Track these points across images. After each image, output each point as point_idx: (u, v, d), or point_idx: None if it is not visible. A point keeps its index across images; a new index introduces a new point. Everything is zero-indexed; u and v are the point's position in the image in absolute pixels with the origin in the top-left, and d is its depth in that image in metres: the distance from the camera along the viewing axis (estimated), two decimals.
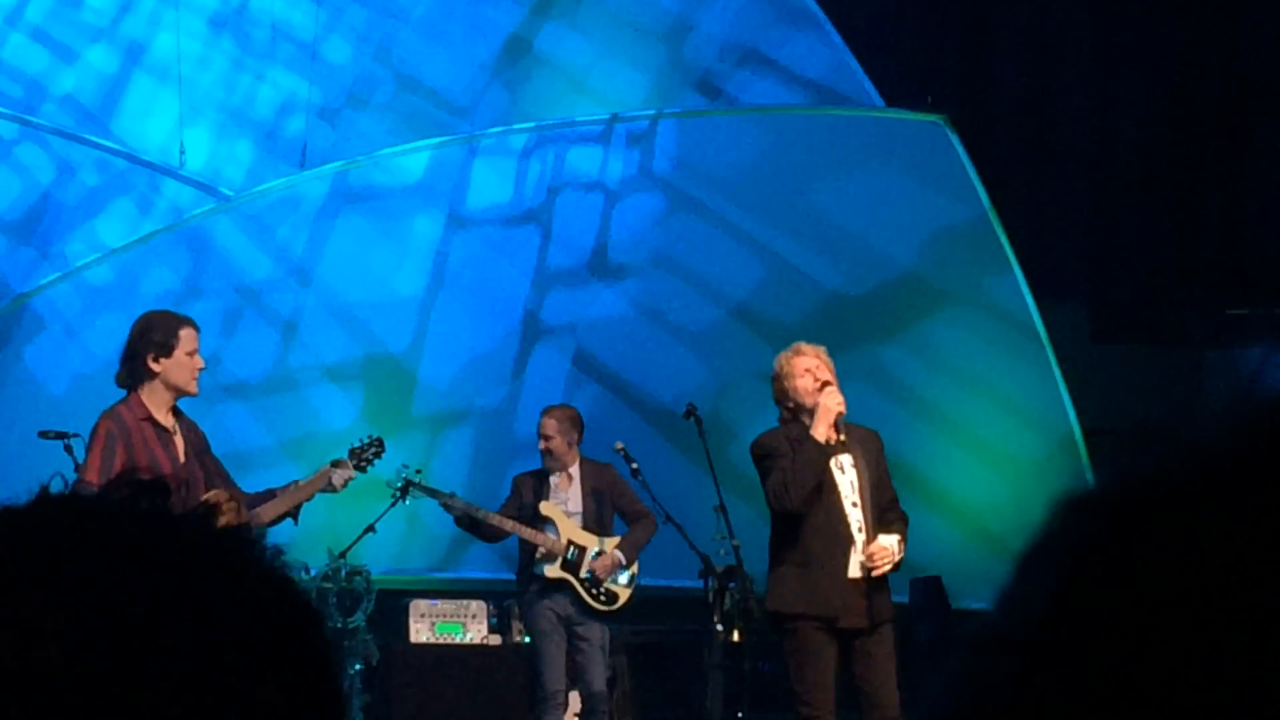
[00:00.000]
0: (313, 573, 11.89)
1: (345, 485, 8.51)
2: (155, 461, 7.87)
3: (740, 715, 10.30)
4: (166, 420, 8.05)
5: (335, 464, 8.56)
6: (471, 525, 10.94)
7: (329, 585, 11.92)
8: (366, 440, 8.92)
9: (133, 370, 8.03)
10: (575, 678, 10.84)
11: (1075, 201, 17.62)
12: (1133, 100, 17.58)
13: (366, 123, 16.35)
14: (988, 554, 15.32)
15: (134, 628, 0.93)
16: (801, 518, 8.58)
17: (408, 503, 11.29)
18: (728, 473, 10.52)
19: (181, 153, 16.01)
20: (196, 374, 8.08)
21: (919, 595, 13.92)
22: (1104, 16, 17.51)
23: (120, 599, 0.93)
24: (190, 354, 8.04)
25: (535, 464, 11.21)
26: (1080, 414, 15.59)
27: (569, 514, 10.84)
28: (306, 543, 12.97)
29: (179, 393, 8.06)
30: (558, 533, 10.79)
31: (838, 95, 16.35)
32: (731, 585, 9.97)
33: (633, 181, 16.22)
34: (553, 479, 10.94)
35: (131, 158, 16.03)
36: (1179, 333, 17.39)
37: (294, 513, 8.26)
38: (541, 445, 10.94)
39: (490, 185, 16.15)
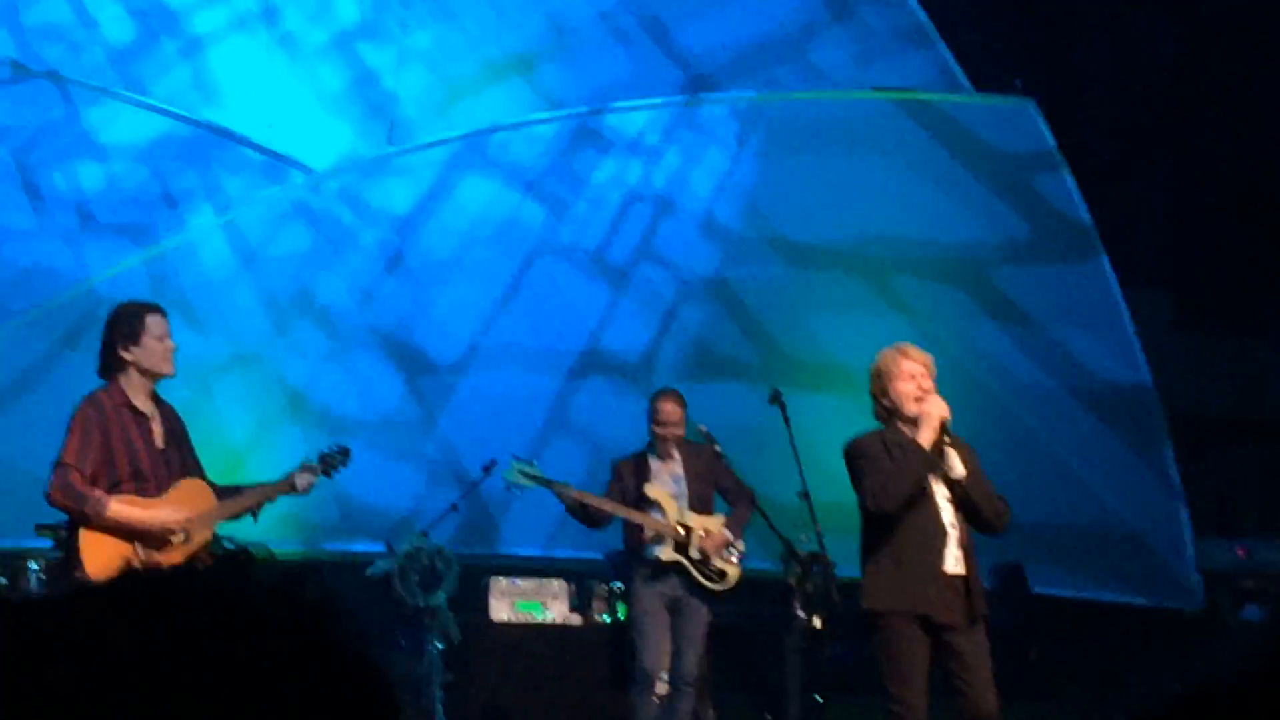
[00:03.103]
0: (397, 550, 11.96)
1: (309, 489, 8.61)
2: (132, 446, 8.09)
3: (819, 699, 10.28)
4: (145, 406, 8.23)
5: (304, 468, 8.66)
6: (582, 511, 10.92)
7: (412, 563, 11.95)
8: (335, 448, 9.02)
9: (107, 361, 8.26)
10: (675, 656, 10.82)
11: (1161, 188, 17.56)
12: (1222, 88, 17.49)
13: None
14: (1070, 540, 15.27)
15: (215, 705, 0.94)
16: (897, 517, 8.55)
17: (520, 494, 11.30)
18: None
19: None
20: (169, 356, 8.30)
21: (1000, 582, 13.88)
22: (1192, 3, 17.45)
23: (202, 678, 0.94)
24: (159, 339, 8.26)
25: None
26: (1165, 401, 15.49)
27: (674, 495, 10.82)
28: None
29: (155, 376, 8.27)
30: (664, 515, 10.77)
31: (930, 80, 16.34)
32: (815, 570, 9.95)
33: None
34: (654, 463, 10.90)
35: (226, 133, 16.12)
36: (1264, 322, 17.32)
37: (255, 510, 8.40)
38: (660, 431, 10.87)
39: None
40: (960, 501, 8.66)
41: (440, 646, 11.85)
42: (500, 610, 12.20)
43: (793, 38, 16.45)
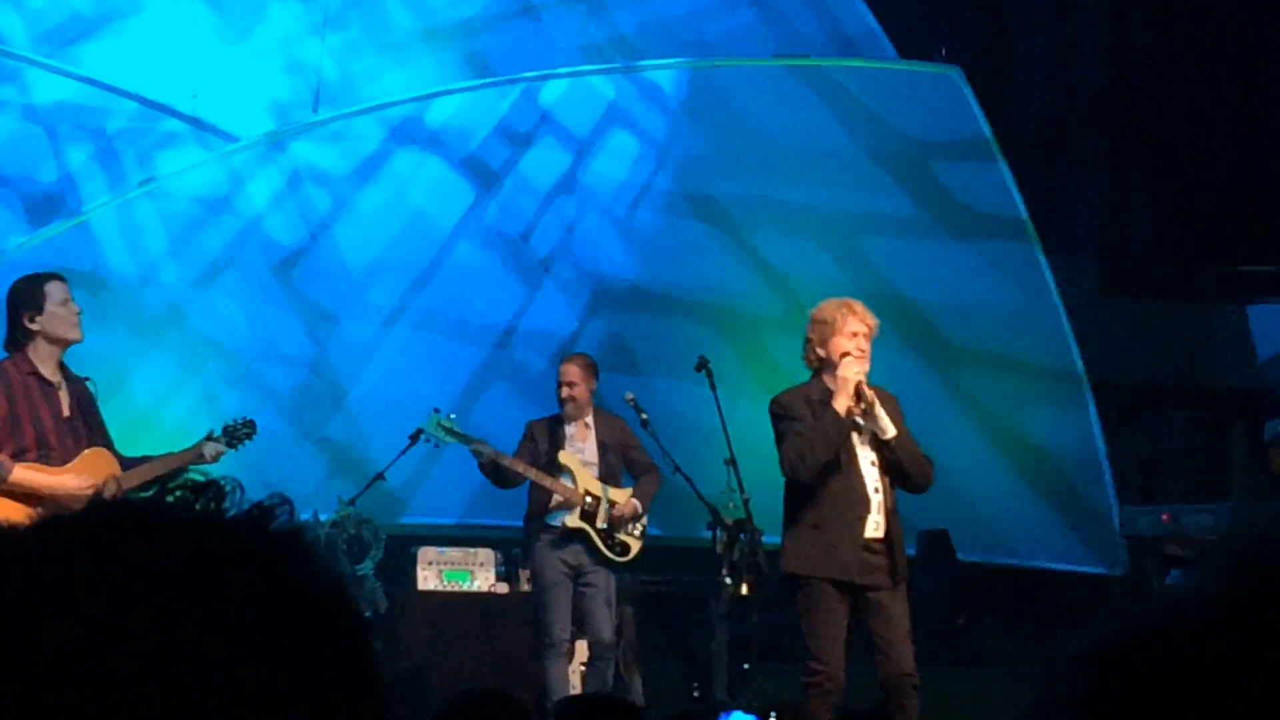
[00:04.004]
0: (322, 520, 11.95)
1: (217, 458, 8.80)
2: (36, 413, 8.21)
3: (746, 666, 10.31)
4: (53, 375, 8.33)
5: (210, 439, 8.87)
6: (495, 471, 10.97)
7: (339, 531, 11.96)
8: (240, 421, 9.12)
9: (13, 333, 8.36)
10: (581, 627, 10.86)
11: (1088, 156, 17.64)
12: (1149, 56, 17.57)
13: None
14: (997, 507, 15.36)
15: (189, 628, 0.94)
16: (818, 481, 8.59)
17: (438, 447, 11.34)
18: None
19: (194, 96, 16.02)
20: (75, 321, 8.40)
21: (926, 549, 13.95)
22: None
23: (175, 603, 0.94)
24: (62, 303, 8.36)
25: None
26: (1089, 367, 15.58)
27: (585, 464, 10.85)
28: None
29: (63, 343, 8.38)
30: (574, 482, 10.80)
31: (853, 46, 16.33)
32: (741, 538, 9.98)
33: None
34: (569, 428, 10.96)
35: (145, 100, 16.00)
36: (1190, 287, 17.40)
37: (166, 478, 8.40)
38: (564, 393, 10.94)
39: None
40: (889, 464, 8.70)
41: (367, 615, 11.86)
42: (428, 579, 12.21)
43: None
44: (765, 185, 15.94)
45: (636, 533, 10.89)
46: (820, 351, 8.73)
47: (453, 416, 11.28)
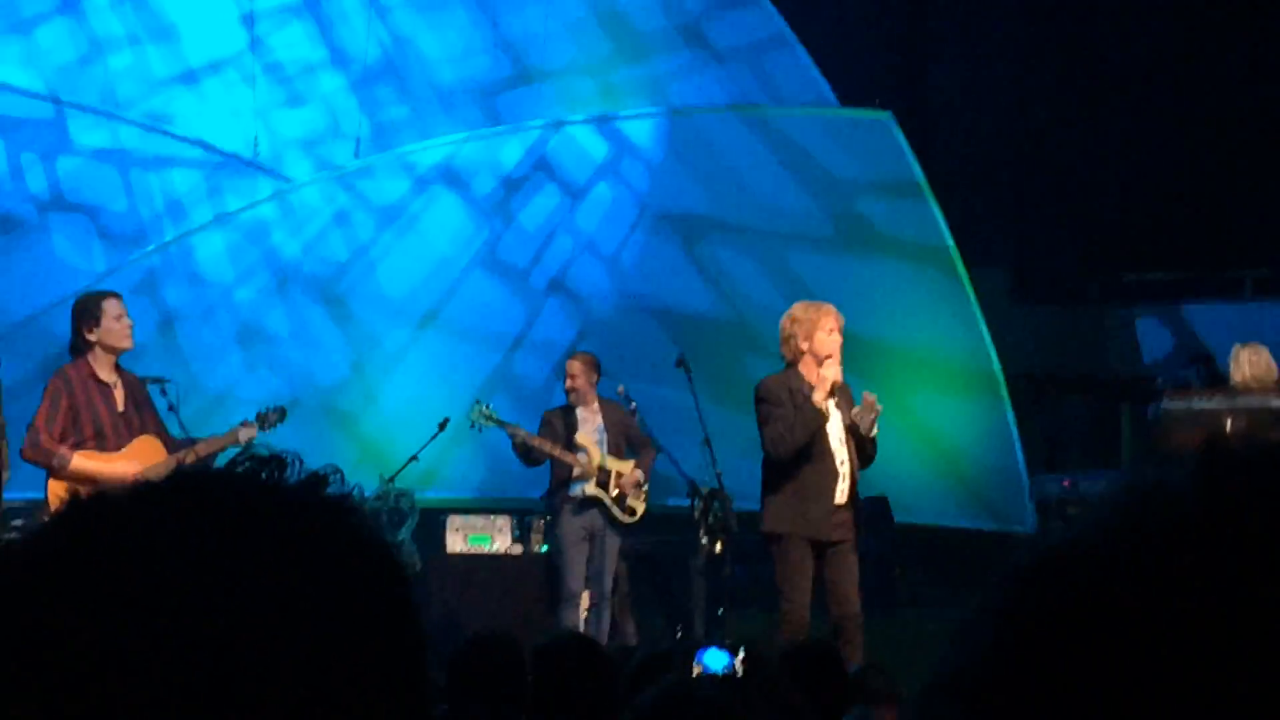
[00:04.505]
0: (366, 494, 11.93)
1: (250, 441, 8.71)
2: (94, 409, 8.20)
3: (720, 611, 10.31)
4: (109, 377, 8.32)
5: (244, 424, 8.80)
6: (525, 451, 11.01)
7: (380, 504, 11.94)
8: (271, 408, 9.08)
9: (75, 342, 8.35)
10: (591, 578, 10.86)
11: (999, 184, 17.62)
12: (1049, 99, 17.57)
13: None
14: (926, 478, 15.35)
15: (261, 574, 0.91)
16: (797, 456, 8.64)
17: (480, 431, 11.35)
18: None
19: (256, 141, 15.95)
20: (127, 333, 8.37)
21: (868, 511, 13.92)
22: (1030, 22, 17.49)
23: (242, 560, 0.92)
24: (117, 318, 8.33)
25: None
26: (1002, 361, 15.58)
27: (597, 443, 10.89)
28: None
29: (117, 351, 8.36)
30: (589, 458, 10.84)
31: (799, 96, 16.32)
32: (715, 505, 10.00)
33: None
34: (579, 413, 10.99)
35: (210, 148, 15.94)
36: (1083, 296, 17.42)
37: (210, 459, 8.48)
38: (567, 384, 11.04)
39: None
40: (856, 443, 8.77)
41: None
42: (455, 543, 12.19)
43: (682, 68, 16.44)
44: (723, 213, 15.96)
45: (641, 497, 10.94)
46: (804, 345, 8.73)
47: (492, 406, 11.34)
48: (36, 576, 0.91)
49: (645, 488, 10.97)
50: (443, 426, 11.49)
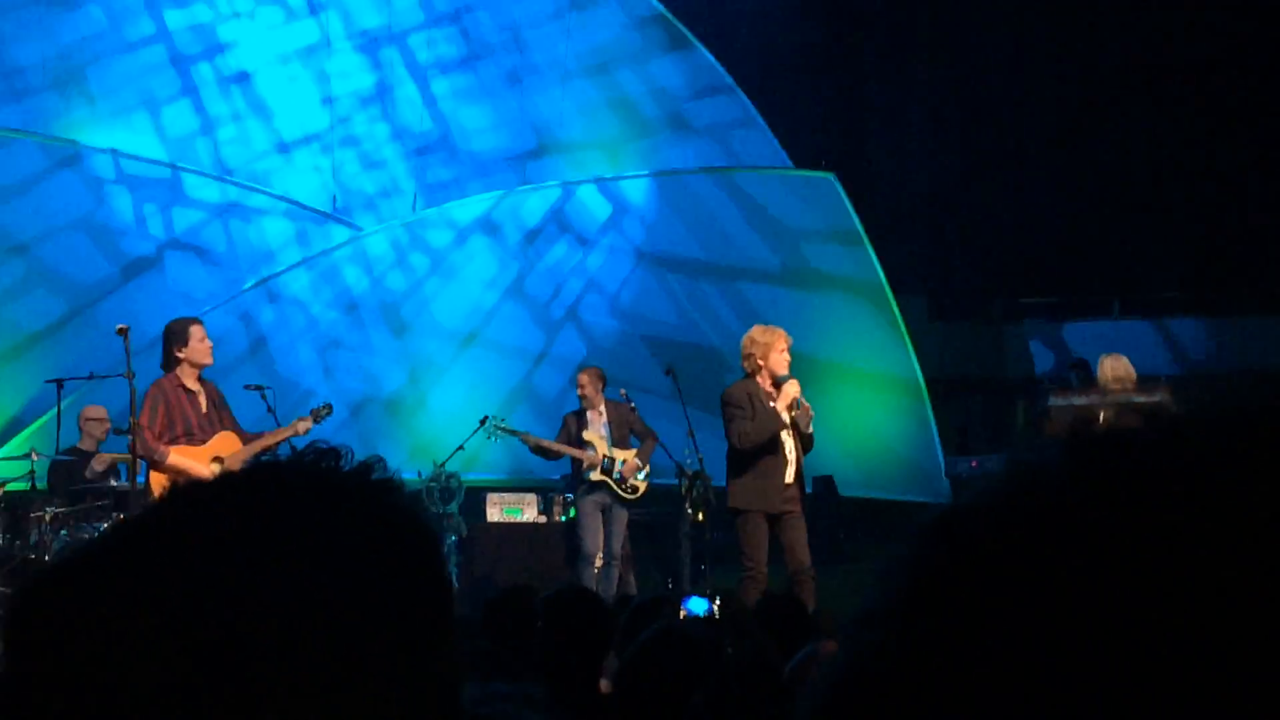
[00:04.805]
0: (423, 475, 11.94)
1: (307, 432, 8.60)
2: (184, 413, 8.20)
3: (702, 567, 10.32)
4: (193, 385, 8.30)
5: (301, 419, 8.67)
6: (540, 451, 11.02)
7: (434, 484, 11.94)
8: (323, 404, 9.03)
9: (167, 358, 8.31)
10: (600, 543, 10.87)
11: (919, 228, 17.67)
12: (961, 157, 17.62)
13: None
14: (864, 461, 15.37)
15: (319, 544, 0.91)
16: (757, 449, 8.66)
17: (495, 441, 11.38)
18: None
19: (335, 198, 16.00)
20: (208, 351, 8.33)
21: (818, 488, 13.96)
22: (943, 100, 17.54)
23: (309, 527, 0.91)
24: (200, 340, 8.30)
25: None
26: (923, 368, 15.61)
27: (602, 437, 10.89)
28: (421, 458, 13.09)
29: (200, 366, 8.31)
30: (596, 450, 10.84)
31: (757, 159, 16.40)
32: (697, 484, 10.02)
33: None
34: (589, 414, 10.97)
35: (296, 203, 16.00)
36: (986, 315, 17.45)
37: (273, 449, 8.50)
38: (578, 392, 11.03)
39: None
40: (801, 438, 8.78)
41: (453, 539, 11.84)
42: (494, 514, 12.19)
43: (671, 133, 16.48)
44: (699, 255, 16.02)
45: (640, 479, 10.94)
46: (762, 363, 8.77)
47: (502, 419, 11.35)
48: (156, 544, 0.91)
49: (646, 469, 10.97)
50: (482, 423, 11.48)
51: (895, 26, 17.35)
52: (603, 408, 11.00)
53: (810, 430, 8.89)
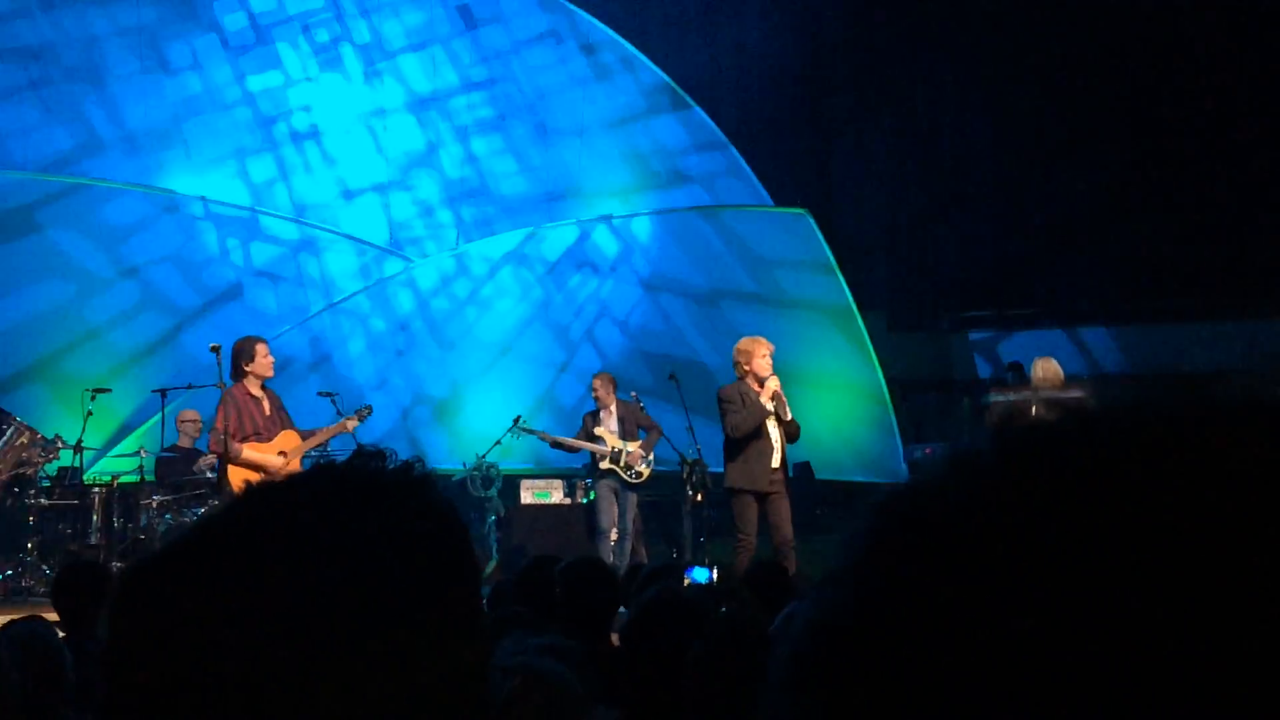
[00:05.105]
0: (467, 466, 11.95)
1: (353, 430, 8.59)
2: (253, 416, 8.22)
3: (701, 539, 10.31)
4: (258, 393, 8.33)
5: (349, 418, 8.65)
6: (559, 446, 11.00)
7: (476, 473, 11.95)
8: (363, 406, 9.02)
9: (235, 370, 8.32)
10: (615, 520, 10.85)
11: (879, 251, 17.67)
12: (911, 193, 17.62)
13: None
14: (836, 449, 15.34)
15: (369, 532, 0.91)
16: (747, 437, 8.65)
17: (518, 439, 11.34)
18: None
19: (390, 235, 16.01)
20: (270, 366, 8.35)
21: (798, 472, 13.95)
22: (898, 141, 17.54)
23: (360, 519, 0.91)
24: (264, 356, 8.32)
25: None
26: (883, 372, 15.58)
27: (613, 432, 10.87)
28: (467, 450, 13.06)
29: (263, 377, 8.33)
30: (606, 444, 10.81)
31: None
32: (696, 469, 10.00)
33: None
34: (602, 413, 10.95)
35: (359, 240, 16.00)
36: (935, 326, 17.44)
37: (326, 442, 8.53)
38: (593, 395, 11.00)
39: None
40: (784, 427, 8.76)
41: (493, 518, 11.85)
42: (526, 497, 12.19)
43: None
44: (694, 281, 16.02)
45: (644, 467, 10.91)
46: (747, 367, 8.79)
47: (525, 420, 11.36)
48: (236, 536, 0.91)
49: (650, 458, 10.94)
50: (516, 422, 11.49)
51: (860, 88, 17.44)
52: (614, 407, 10.98)
53: (790, 418, 8.86)
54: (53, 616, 4.71)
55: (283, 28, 15.62)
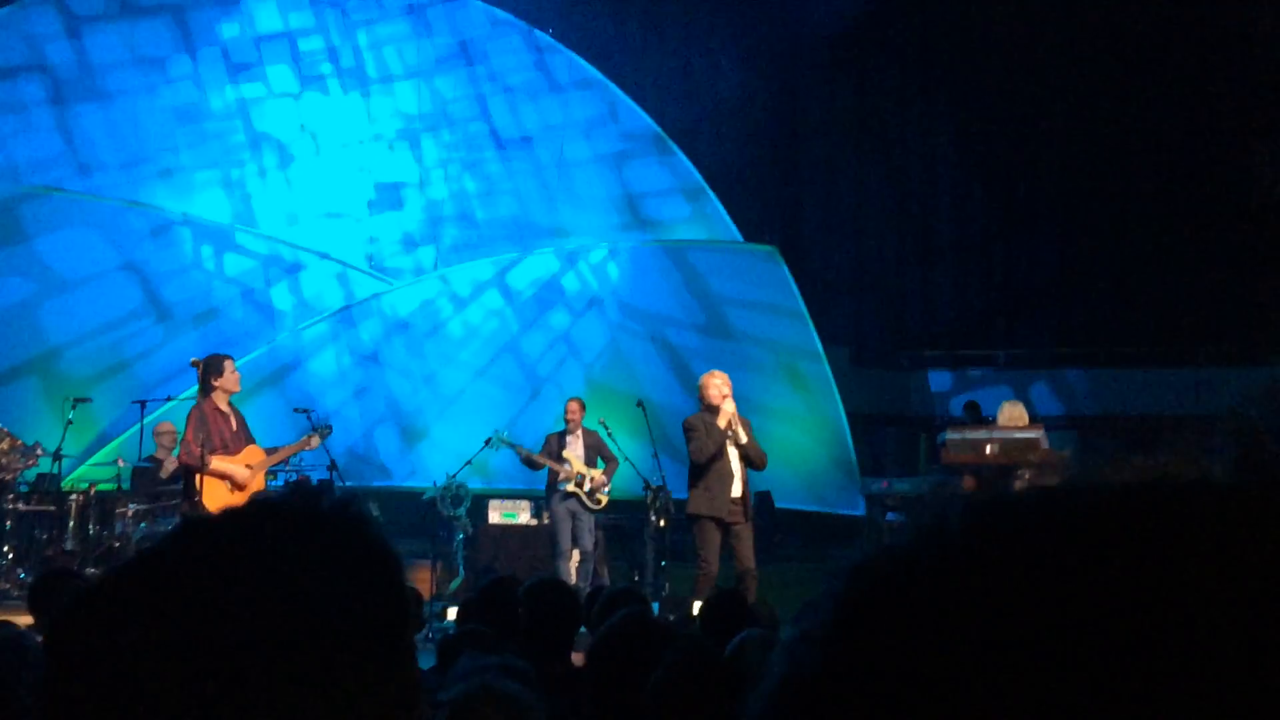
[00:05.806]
0: (438, 485, 11.84)
1: (315, 447, 8.56)
2: (220, 430, 8.17)
3: (663, 564, 10.27)
4: (225, 408, 8.28)
5: (310, 436, 8.59)
6: (527, 462, 10.91)
7: (446, 492, 11.85)
8: (323, 425, 8.90)
9: (204, 386, 8.30)
10: (575, 542, 10.79)
11: (844, 290, 17.76)
12: (874, 236, 17.75)
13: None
14: (795, 480, 15.36)
15: (303, 571, 0.90)
16: (708, 464, 8.63)
17: (497, 451, 11.24)
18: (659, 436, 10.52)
19: (370, 257, 15.96)
20: (237, 381, 8.34)
21: (758, 499, 13.93)
22: (865, 181, 17.67)
23: (295, 552, 0.91)
24: (232, 372, 8.31)
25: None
26: (845, 405, 15.64)
27: (578, 457, 10.82)
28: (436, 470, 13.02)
29: (230, 393, 8.31)
30: (572, 467, 10.75)
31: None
32: (660, 495, 9.98)
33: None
34: (569, 437, 10.88)
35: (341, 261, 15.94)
36: (896, 364, 17.53)
37: (286, 460, 8.47)
38: (567, 417, 10.90)
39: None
40: (743, 455, 8.74)
41: (461, 536, 11.75)
42: (494, 517, 12.11)
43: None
44: (658, 313, 16.06)
45: (604, 493, 10.85)
46: (706, 397, 8.82)
47: (506, 433, 11.24)
48: (172, 568, 0.91)
49: (608, 487, 10.90)
50: (488, 442, 11.42)
51: (826, 137, 17.63)
52: (580, 433, 10.94)
53: (748, 440, 8.85)
54: (25, 620, 4.64)
55: (272, 47, 15.64)
